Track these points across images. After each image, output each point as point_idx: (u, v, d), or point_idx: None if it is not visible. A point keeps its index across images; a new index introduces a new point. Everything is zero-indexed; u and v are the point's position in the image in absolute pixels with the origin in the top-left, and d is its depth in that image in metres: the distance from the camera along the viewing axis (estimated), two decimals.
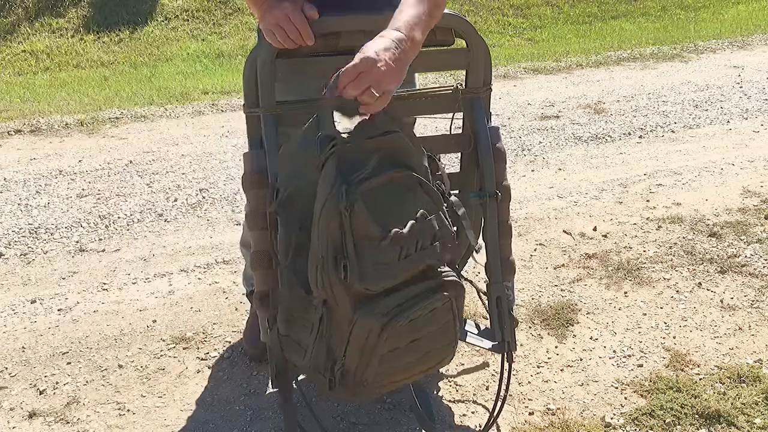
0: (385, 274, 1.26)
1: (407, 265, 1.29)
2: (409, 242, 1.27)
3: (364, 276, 1.25)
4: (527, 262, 2.63)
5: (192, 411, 1.89)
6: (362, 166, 1.27)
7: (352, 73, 1.28)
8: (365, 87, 1.27)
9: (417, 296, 1.33)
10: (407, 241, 1.27)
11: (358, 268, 1.24)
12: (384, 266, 1.25)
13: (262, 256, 1.57)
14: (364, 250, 1.24)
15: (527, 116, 4.45)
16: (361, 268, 1.24)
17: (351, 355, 1.31)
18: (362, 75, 1.27)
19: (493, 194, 1.66)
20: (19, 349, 2.17)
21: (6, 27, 6.61)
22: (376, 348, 1.30)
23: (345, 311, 1.29)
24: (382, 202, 1.26)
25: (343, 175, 1.26)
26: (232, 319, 2.29)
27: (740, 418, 1.80)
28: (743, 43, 6.42)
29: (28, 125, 4.34)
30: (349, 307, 1.28)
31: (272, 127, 1.55)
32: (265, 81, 1.53)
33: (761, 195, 3.15)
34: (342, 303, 1.28)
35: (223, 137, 4.14)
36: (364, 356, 1.31)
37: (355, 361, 1.32)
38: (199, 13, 7.07)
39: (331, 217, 1.24)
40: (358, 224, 1.24)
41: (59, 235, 2.93)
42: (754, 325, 2.21)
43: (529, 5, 7.85)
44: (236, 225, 2.99)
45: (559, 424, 1.81)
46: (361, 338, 1.29)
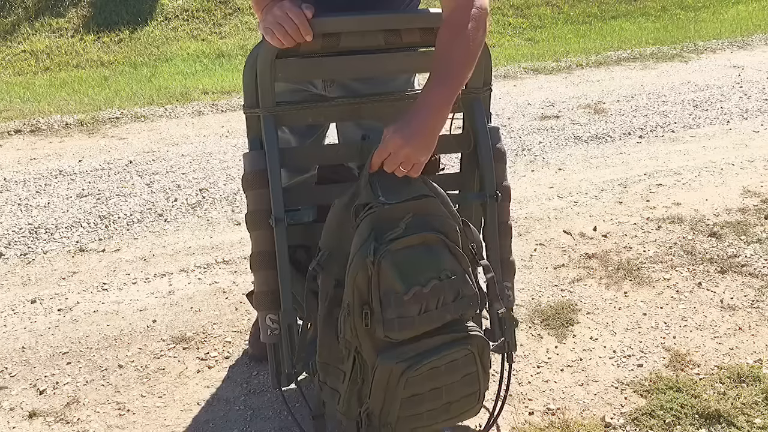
0: (406, 326, 1.37)
1: (426, 319, 1.39)
2: (430, 299, 1.37)
3: (386, 325, 1.36)
4: (527, 262, 2.63)
5: (192, 411, 1.89)
6: (395, 226, 1.38)
7: (382, 154, 1.40)
8: (398, 165, 1.39)
9: (439, 347, 1.42)
10: (428, 299, 1.37)
11: (381, 318, 1.35)
12: (405, 319, 1.36)
13: (261, 256, 1.57)
14: (389, 302, 1.35)
15: (527, 116, 4.45)
16: (384, 318, 1.35)
17: (375, 397, 1.42)
18: (391, 157, 1.39)
19: (494, 195, 1.66)
20: (19, 349, 2.17)
21: (6, 27, 6.61)
22: (396, 391, 1.40)
23: (369, 356, 1.41)
24: (410, 259, 1.37)
25: (376, 234, 1.37)
26: (232, 319, 2.29)
27: (740, 418, 1.80)
28: (743, 43, 6.42)
29: (28, 125, 4.34)
30: (372, 352, 1.40)
31: (272, 127, 1.55)
32: (264, 81, 1.53)
33: (761, 195, 3.15)
34: (366, 348, 1.40)
35: (223, 137, 4.14)
36: (387, 399, 1.41)
37: (379, 404, 1.42)
38: (199, 13, 7.07)
39: (360, 270, 1.35)
40: (383, 279, 1.35)
41: (59, 235, 2.93)
42: (754, 325, 2.21)
43: (529, 5, 7.85)
44: (236, 225, 2.99)
45: (559, 424, 1.81)
46: (382, 381, 1.40)
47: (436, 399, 1.45)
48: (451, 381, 1.45)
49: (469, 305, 1.44)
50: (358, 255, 1.36)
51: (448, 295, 1.39)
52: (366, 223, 1.38)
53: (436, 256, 1.40)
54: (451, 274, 1.40)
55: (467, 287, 1.43)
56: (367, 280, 1.35)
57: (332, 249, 1.47)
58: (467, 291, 1.43)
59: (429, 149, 1.41)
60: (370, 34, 1.56)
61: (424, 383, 1.42)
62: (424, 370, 1.40)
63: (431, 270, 1.38)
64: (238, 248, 2.77)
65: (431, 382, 1.43)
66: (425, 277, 1.37)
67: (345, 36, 1.54)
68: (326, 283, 1.47)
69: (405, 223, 1.37)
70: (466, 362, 1.46)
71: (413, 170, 1.42)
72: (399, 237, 1.36)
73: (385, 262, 1.34)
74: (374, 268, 1.34)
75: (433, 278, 1.37)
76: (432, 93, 1.41)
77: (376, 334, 1.37)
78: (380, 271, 1.35)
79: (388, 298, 1.35)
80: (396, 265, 1.35)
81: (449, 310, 1.40)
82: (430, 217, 1.43)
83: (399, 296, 1.34)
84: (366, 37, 1.55)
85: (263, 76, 1.52)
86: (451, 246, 1.42)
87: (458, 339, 1.44)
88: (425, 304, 1.37)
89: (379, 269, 1.34)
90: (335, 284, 1.45)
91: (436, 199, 1.45)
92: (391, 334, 1.36)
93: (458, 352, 1.44)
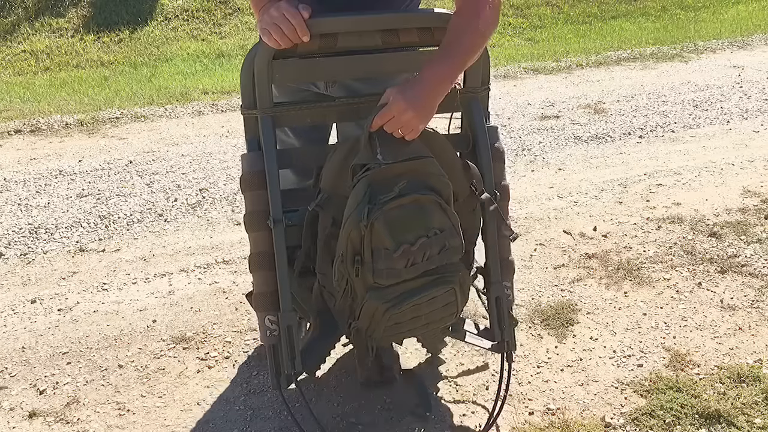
0: (393, 276, 1.49)
1: (412, 271, 1.50)
2: (417, 254, 1.48)
3: (376, 274, 1.48)
4: (527, 262, 2.63)
5: (192, 411, 1.89)
6: (391, 187, 1.46)
7: (385, 116, 1.47)
8: (398, 127, 1.47)
9: (422, 287, 1.53)
10: (415, 254, 1.48)
11: (372, 268, 1.47)
12: (393, 270, 1.48)
13: (260, 257, 1.57)
14: (379, 256, 1.46)
15: (527, 116, 4.45)
16: (374, 269, 1.47)
17: (362, 320, 1.56)
18: (394, 120, 1.46)
19: (492, 194, 1.66)
20: (19, 349, 2.17)
21: (6, 27, 6.61)
22: (381, 322, 1.54)
23: (360, 291, 1.53)
24: (400, 219, 1.46)
25: (372, 194, 1.45)
26: (232, 319, 2.29)
27: (740, 418, 1.80)
28: (743, 43, 6.42)
29: (28, 125, 4.34)
30: (363, 289, 1.52)
31: (269, 128, 1.55)
32: (262, 82, 1.53)
33: (761, 195, 3.15)
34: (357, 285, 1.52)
35: (223, 137, 4.14)
36: (371, 324, 1.56)
37: (365, 325, 1.57)
38: (199, 13, 7.07)
39: (353, 230, 1.45)
40: (375, 237, 1.45)
41: (59, 235, 2.93)
42: (754, 325, 2.21)
43: (529, 5, 7.85)
44: (236, 225, 2.99)
45: (559, 424, 1.81)
46: (369, 313, 1.53)
47: (416, 322, 1.60)
48: (432, 310, 1.58)
49: (454, 254, 1.54)
50: (353, 215, 1.45)
51: (434, 249, 1.50)
52: (362, 184, 1.46)
53: (426, 214, 1.49)
54: (440, 230, 1.50)
55: (453, 239, 1.52)
56: (360, 238, 1.45)
57: (331, 192, 1.54)
58: (453, 243, 1.52)
59: (428, 117, 1.50)
60: (367, 34, 1.55)
61: (406, 315, 1.55)
62: (407, 308, 1.53)
63: (421, 228, 1.48)
64: (238, 248, 2.77)
65: (413, 313, 1.56)
66: (414, 235, 1.47)
67: (342, 36, 1.54)
68: (325, 220, 1.55)
69: (399, 188, 1.45)
70: (447, 296, 1.57)
71: (411, 135, 1.49)
72: (392, 199, 1.45)
73: (378, 223, 1.44)
74: (367, 229, 1.44)
75: (422, 236, 1.48)
76: (436, 66, 1.48)
77: (366, 279, 1.49)
78: (372, 231, 1.44)
79: (379, 253, 1.46)
80: (387, 224, 1.44)
81: (434, 261, 1.51)
82: (426, 176, 1.50)
83: (389, 252, 1.45)
84: (363, 37, 1.55)
85: (260, 77, 1.52)
86: (442, 203, 1.51)
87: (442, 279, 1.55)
88: (412, 258, 1.48)
89: (372, 229, 1.44)
90: (332, 222, 1.54)
91: (432, 159, 1.52)
92: (379, 280, 1.48)
93: (440, 289, 1.55)
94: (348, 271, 1.50)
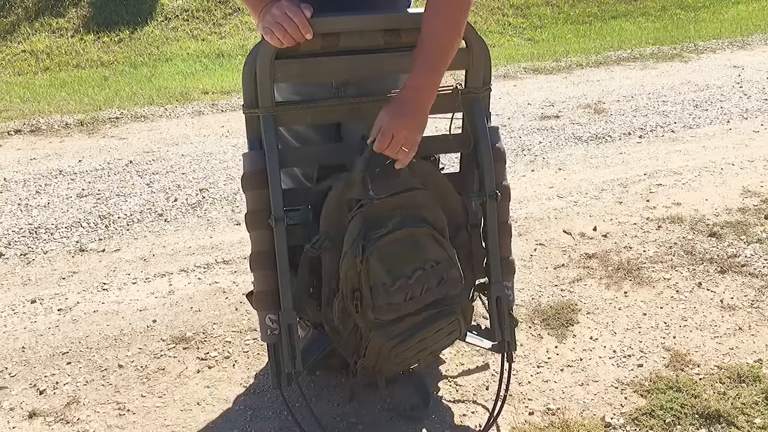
0: (393, 310, 1.51)
1: (412, 304, 1.52)
2: (415, 288, 1.50)
3: (376, 310, 1.50)
4: (527, 262, 2.63)
5: (192, 411, 1.89)
6: (384, 222, 1.49)
7: (384, 141, 1.49)
8: (399, 147, 1.49)
9: (425, 320, 1.55)
10: (413, 287, 1.50)
11: (372, 304, 1.49)
12: (393, 305, 1.50)
13: (261, 256, 1.57)
14: (378, 293, 1.49)
15: (527, 116, 4.45)
16: (374, 305, 1.49)
17: (369, 358, 1.60)
18: (393, 141, 1.48)
19: (493, 194, 1.66)
20: (19, 349, 2.17)
21: (6, 27, 6.61)
22: (388, 359, 1.57)
23: (364, 330, 1.56)
24: (396, 253, 1.49)
25: (366, 231, 1.48)
26: (232, 319, 2.29)
27: (740, 418, 1.80)
28: (743, 43, 6.42)
29: (28, 125, 4.34)
30: (366, 327, 1.54)
31: (271, 127, 1.55)
32: (263, 82, 1.53)
33: (761, 195, 3.15)
34: (360, 324, 1.55)
35: (223, 137, 4.14)
36: (378, 361, 1.59)
37: (372, 363, 1.61)
38: (199, 13, 7.07)
39: (351, 267, 1.48)
40: (372, 273, 1.48)
41: (59, 235, 2.93)
42: (754, 325, 2.21)
43: (529, 5, 7.85)
44: (236, 225, 2.99)
45: (559, 424, 1.81)
46: (375, 350, 1.56)
47: (422, 353, 1.64)
48: (437, 341, 1.62)
49: (453, 286, 1.56)
50: (349, 253, 1.48)
51: (432, 281, 1.52)
52: (356, 221, 1.49)
53: (421, 247, 1.51)
54: (436, 262, 1.52)
55: (451, 271, 1.54)
56: (357, 275, 1.48)
57: (331, 234, 1.56)
58: (451, 274, 1.54)
59: (422, 127, 1.52)
60: (369, 33, 1.56)
61: (412, 350, 1.58)
62: (413, 343, 1.55)
63: (416, 261, 1.50)
64: (238, 248, 2.77)
65: (419, 347, 1.59)
66: (410, 268, 1.49)
67: (344, 36, 1.54)
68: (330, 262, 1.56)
69: (393, 223, 1.48)
70: (451, 326, 1.60)
71: (412, 149, 1.51)
72: (386, 234, 1.48)
73: (373, 259, 1.46)
74: (363, 265, 1.46)
75: (418, 269, 1.50)
76: (417, 77, 1.49)
77: (367, 317, 1.50)
78: (369, 267, 1.47)
79: (377, 289, 1.48)
80: (383, 261, 1.47)
81: (433, 293, 1.53)
82: (418, 209, 1.53)
83: (386, 287, 1.47)
84: (365, 36, 1.55)
85: (262, 76, 1.52)
86: (437, 236, 1.53)
87: (445, 312, 1.57)
88: (410, 291, 1.50)
89: (368, 266, 1.46)
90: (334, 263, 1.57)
91: (423, 191, 1.55)
92: (380, 316, 1.50)
93: (444, 321, 1.57)
94: (349, 308, 1.52)
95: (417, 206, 1.54)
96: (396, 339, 1.52)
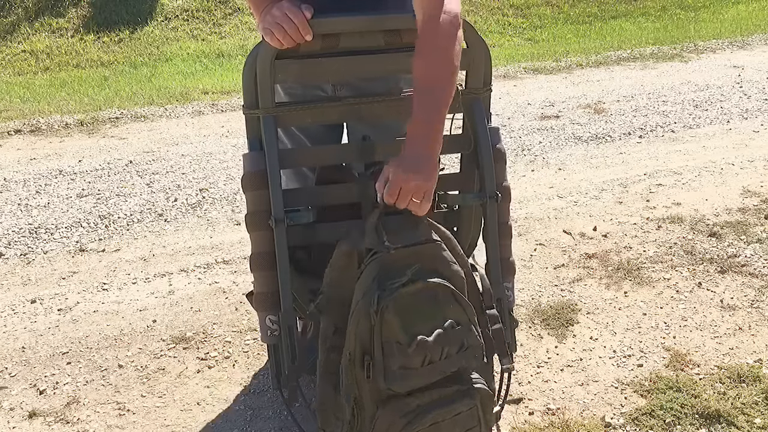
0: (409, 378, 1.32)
1: (430, 371, 1.34)
2: (434, 350, 1.32)
3: (388, 377, 1.31)
4: (527, 262, 2.63)
5: (192, 411, 1.89)
6: (400, 274, 1.34)
7: (393, 193, 1.37)
8: (409, 198, 1.37)
9: (442, 399, 1.37)
10: (432, 349, 1.32)
11: (383, 369, 1.31)
12: (408, 370, 1.31)
13: (261, 257, 1.57)
14: (391, 353, 1.31)
15: (527, 116, 4.45)
16: (386, 369, 1.31)
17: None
18: (402, 192, 1.36)
19: (493, 195, 1.66)
20: (19, 349, 2.17)
21: (6, 27, 6.61)
22: None
23: (369, 407, 1.36)
24: (414, 308, 1.32)
25: (380, 281, 1.33)
26: (232, 319, 2.29)
27: (740, 418, 1.80)
28: (743, 43, 6.42)
29: (28, 125, 4.34)
30: (372, 402, 1.35)
31: (271, 128, 1.55)
32: (264, 82, 1.53)
33: (761, 195, 3.15)
34: (366, 398, 1.35)
35: (223, 137, 4.14)
36: None
37: None
38: (199, 13, 7.07)
39: (362, 319, 1.32)
40: (386, 329, 1.31)
41: (59, 235, 2.93)
42: (754, 325, 2.21)
43: (529, 5, 7.85)
44: (236, 225, 2.99)
45: (559, 424, 1.81)
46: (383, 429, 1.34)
47: None
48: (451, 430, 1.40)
49: (474, 356, 1.39)
50: (361, 303, 1.33)
51: (453, 347, 1.35)
52: (369, 270, 1.35)
53: (440, 304, 1.36)
54: (456, 324, 1.36)
55: (472, 338, 1.38)
56: (369, 330, 1.32)
57: (333, 293, 1.44)
58: (472, 341, 1.38)
59: (434, 175, 1.40)
60: (369, 34, 1.55)
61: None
62: (426, 424, 1.35)
63: (435, 318, 1.34)
64: (238, 248, 2.77)
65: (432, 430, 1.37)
66: (429, 327, 1.33)
67: (345, 36, 1.54)
68: (326, 328, 1.44)
69: (411, 272, 1.34)
70: (469, 416, 1.40)
71: (426, 198, 1.39)
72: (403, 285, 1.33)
73: (388, 312, 1.31)
74: (377, 317, 1.30)
75: (437, 327, 1.33)
76: (419, 127, 1.39)
77: (378, 386, 1.32)
78: (383, 321, 1.31)
79: (391, 348, 1.31)
80: (399, 314, 1.31)
81: (453, 362, 1.35)
82: (435, 263, 1.39)
83: (402, 347, 1.30)
84: (366, 37, 1.55)
85: (263, 77, 1.52)
86: (457, 294, 1.38)
87: (463, 392, 1.39)
88: (429, 355, 1.32)
89: (382, 319, 1.31)
90: (334, 330, 1.42)
91: (441, 244, 1.42)
92: (393, 385, 1.31)
93: (462, 405, 1.38)
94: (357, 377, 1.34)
95: (434, 258, 1.40)
96: (409, 416, 1.32)
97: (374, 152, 1.61)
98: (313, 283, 1.72)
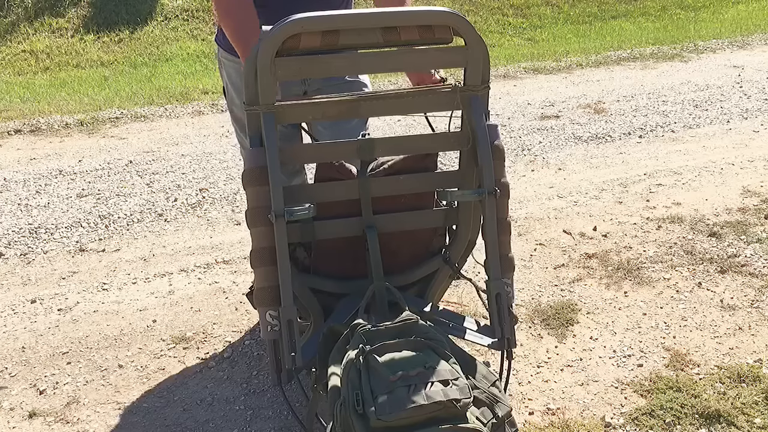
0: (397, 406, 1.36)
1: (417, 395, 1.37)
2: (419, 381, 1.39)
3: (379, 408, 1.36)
4: (527, 261, 2.63)
5: (192, 411, 1.89)
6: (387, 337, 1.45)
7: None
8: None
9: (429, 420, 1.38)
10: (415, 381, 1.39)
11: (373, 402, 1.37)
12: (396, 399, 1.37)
13: (261, 253, 1.57)
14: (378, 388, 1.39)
15: (527, 116, 4.45)
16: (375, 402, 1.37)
17: None
18: None
19: (492, 191, 1.66)
20: (19, 349, 2.16)
21: (6, 27, 6.61)
22: None
23: None
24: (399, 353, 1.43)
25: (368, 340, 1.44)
26: (232, 319, 2.29)
27: (740, 417, 1.79)
28: (743, 43, 6.42)
29: (28, 125, 4.34)
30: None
31: (272, 124, 1.55)
32: (264, 79, 1.53)
33: (761, 195, 3.15)
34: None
35: (223, 137, 4.14)
36: None
37: None
38: (199, 13, 7.07)
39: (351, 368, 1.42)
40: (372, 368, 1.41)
41: (59, 235, 2.93)
42: (754, 325, 2.21)
43: (529, 5, 7.85)
44: (236, 225, 2.99)
45: (559, 423, 1.81)
46: None
47: None
48: None
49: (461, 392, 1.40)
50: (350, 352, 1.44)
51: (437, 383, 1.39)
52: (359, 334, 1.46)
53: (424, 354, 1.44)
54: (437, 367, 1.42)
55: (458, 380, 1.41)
56: (357, 375, 1.41)
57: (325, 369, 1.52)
58: (459, 383, 1.41)
59: None
60: (368, 31, 1.56)
61: None
62: None
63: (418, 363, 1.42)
64: (238, 248, 2.76)
65: None
66: (411, 366, 1.40)
67: (344, 33, 1.54)
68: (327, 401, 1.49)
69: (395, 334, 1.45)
70: None
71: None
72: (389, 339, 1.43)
73: (372, 359, 1.41)
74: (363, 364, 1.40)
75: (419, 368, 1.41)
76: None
77: (370, 423, 1.35)
78: (369, 367, 1.41)
79: (378, 382, 1.38)
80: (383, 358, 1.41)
81: (439, 394, 1.37)
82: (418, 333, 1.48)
83: (386, 380, 1.38)
84: (364, 34, 1.55)
85: (263, 74, 1.52)
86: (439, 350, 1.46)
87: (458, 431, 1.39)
88: (414, 385, 1.37)
89: (368, 364, 1.41)
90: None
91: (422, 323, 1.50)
92: (383, 416, 1.34)
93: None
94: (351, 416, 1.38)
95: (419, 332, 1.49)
96: None
97: (373, 149, 1.62)
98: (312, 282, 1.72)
